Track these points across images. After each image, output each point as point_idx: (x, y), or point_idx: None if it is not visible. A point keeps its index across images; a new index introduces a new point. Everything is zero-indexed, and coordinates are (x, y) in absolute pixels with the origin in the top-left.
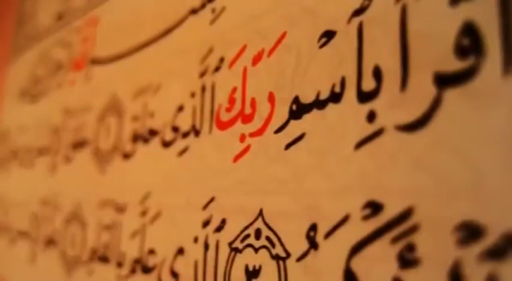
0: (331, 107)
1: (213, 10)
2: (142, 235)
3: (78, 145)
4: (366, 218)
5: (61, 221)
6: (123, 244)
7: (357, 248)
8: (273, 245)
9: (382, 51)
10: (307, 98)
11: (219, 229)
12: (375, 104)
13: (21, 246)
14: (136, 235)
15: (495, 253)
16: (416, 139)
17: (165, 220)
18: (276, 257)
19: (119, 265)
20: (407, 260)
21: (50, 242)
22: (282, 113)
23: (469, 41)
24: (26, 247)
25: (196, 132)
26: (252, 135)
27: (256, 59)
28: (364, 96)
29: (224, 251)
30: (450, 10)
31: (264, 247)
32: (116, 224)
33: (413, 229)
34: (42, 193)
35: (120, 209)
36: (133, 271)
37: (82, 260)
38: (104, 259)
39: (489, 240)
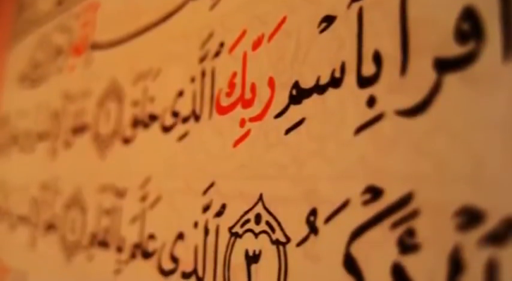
0: (331, 92)
1: None
2: (142, 220)
3: (78, 129)
4: (366, 203)
5: (61, 206)
6: (123, 228)
7: (357, 233)
8: (273, 230)
9: (382, 36)
10: (307, 83)
11: (219, 214)
12: (374, 89)
13: (21, 231)
14: (136, 220)
15: (495, 238)
16: (416, 124)
17: (165, 204)
18: (276, 242)
19: (119, 249)
20: (407, 245)
21: (50, 227)
22: (282, 98)
23: (469, 26)
24: (26, 232)
25: (196, 117)
26: (252, 120)
27: (256, 44)
28: (364, 81)
29: (224, 236)
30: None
31: (264, 232)
32: (115, 209)
33: (414, 214)
34: (42, 178)
35: (120, 194)
36: (133, 255)
37: (82, 245)
38: (104, 244)
39: (489, 225)
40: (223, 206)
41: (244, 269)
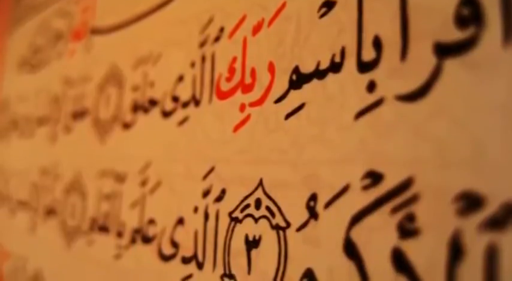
0: (331, 76)
1: None
2: (142, 205)
3: (78, 114)
4: (366, 188)
5: (61, 191)
6: (123, 213)
7: (357, 218)
8: (273, 215)
9: (382, 21)
10: (307, 68)
11: (219, 199)
12: (374, 74)
13: (21, 216)
14: (136, 205)
15: (495, 223)
16: (416, 109)
17: (165, 189)
18: (276, 227)
19: (119, 234)
20: (407, 230)
21: (50, 212)
22: (282, 83)
23: (469, 11)
24: (26, 217)
25: (196, 102)
26: (252, 105)
27: (256, 29)
28: (364, 66)
29: (224, 221)
30: None
31: (264, 216)
32: (115, 193)
33: (413, 199)
34: (42, 163)
35: (120, 178)
36: (133, 240)
37: (82, 230)
38: (104, 229)
39: (489, 210)
40: (223, 191)
41: (244, 254)
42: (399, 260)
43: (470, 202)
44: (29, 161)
